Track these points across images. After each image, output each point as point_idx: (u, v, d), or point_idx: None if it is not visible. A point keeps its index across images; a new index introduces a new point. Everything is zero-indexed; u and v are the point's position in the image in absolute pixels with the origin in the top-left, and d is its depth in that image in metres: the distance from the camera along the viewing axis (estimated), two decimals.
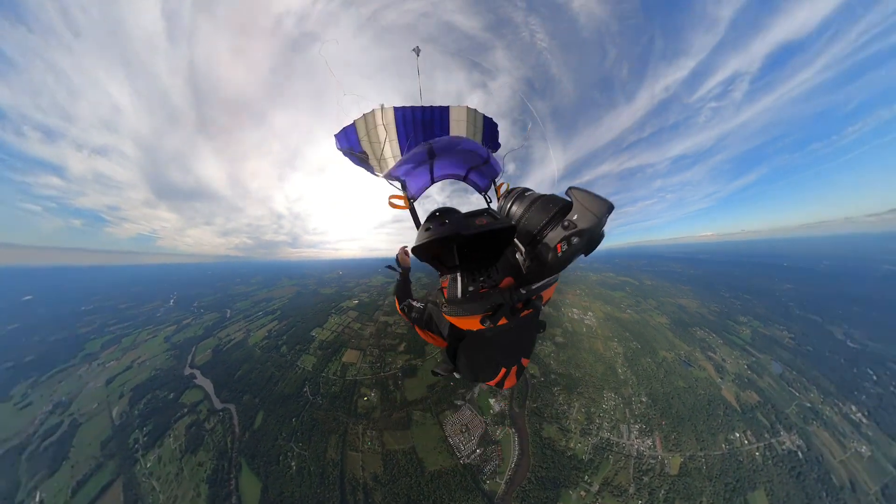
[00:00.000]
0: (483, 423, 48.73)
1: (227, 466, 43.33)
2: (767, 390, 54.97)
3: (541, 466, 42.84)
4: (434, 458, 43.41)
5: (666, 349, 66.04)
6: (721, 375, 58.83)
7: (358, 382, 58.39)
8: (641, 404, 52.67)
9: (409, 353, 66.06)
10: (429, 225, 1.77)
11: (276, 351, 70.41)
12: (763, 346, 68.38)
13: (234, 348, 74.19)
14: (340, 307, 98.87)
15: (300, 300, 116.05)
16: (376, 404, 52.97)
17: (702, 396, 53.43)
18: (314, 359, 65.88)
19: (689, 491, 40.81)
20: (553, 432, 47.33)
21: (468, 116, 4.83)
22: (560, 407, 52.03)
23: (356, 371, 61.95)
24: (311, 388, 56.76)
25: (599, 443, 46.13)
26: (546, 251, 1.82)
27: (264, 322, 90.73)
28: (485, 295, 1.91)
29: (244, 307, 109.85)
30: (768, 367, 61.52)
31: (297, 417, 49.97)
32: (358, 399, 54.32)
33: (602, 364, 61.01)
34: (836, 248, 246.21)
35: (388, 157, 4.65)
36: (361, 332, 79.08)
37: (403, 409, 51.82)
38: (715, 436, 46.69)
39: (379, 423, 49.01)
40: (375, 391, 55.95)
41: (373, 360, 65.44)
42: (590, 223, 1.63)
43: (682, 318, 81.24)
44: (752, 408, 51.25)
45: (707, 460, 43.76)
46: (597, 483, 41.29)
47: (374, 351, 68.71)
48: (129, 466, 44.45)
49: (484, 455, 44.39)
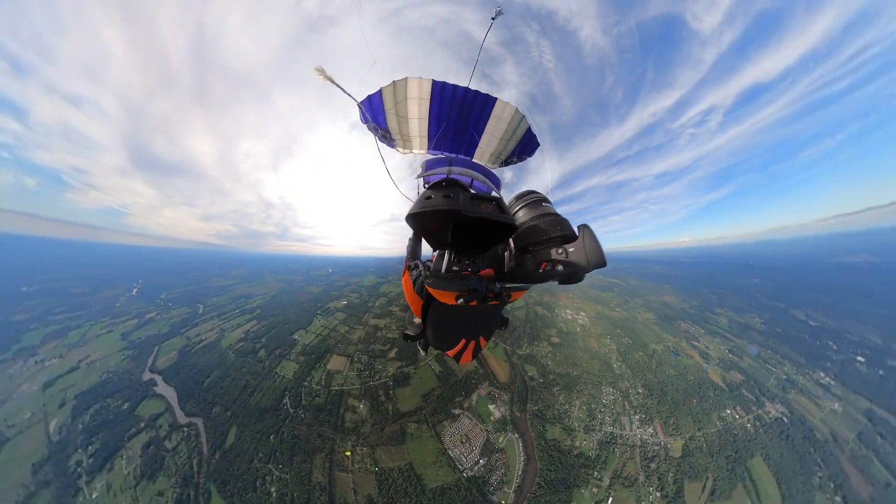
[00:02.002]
0: (484, 430, 46.54)
1: (192, 496, 37.18)
2: (748, 369, 58.46)
3: (549, 469, 41.44)
4: (434, 474, 40.11)
5: (655, 342, 68.71)
6: (706, 361, 62.08)
7: (345, 393, 53.17)
8: (639, 395, 54.16)
9: (400, 360, 61.70)
10: (430, 194, 1.79)
11: (252, 355, 63.28)
12: (739, 332, 73.50)
13: (205, 351, 65.51)
14: (327, 308, 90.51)
15: (284, 298, 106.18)
16: (366, 417, 48.33)
17: (692, 381, 55.98)
18: (296, 365, 59.54)
19: (695, 470, 41.61)
20: (557, 432, 46.53)
21: (512, 119, 4.42)
22: (561, 406, 51.44)
23: (343, 380, 56.55)
24: (291, 400, 51.17)
25: (604, 437, 45.85)
26: (531, 262, 1.93)
27: (241, 321, 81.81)
28: (465, 278, 2.08)
29: (220, 303, 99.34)
30: (746, 349, 65.86)
31: (276, 434, 44.75)
32: (345, 412, 49.28)
33: (598, 360, 62.68)
34: (793, 248, 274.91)
35: (415, 135, 4.37)
36: (349, 336, 72.37)
37: (396, 421, 47.59)
38: (709, 415, 48.56)
39: (370, 439, 44.60)
40: (365, 402, 51.12)
41: (361, 368, 60.01)
42: (580, 262, 1.73)
43: (666, 313, 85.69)
44: (738, 386, 54.04)
45: (706, 438, 45.18)
46: (607, 477, 40.65)
47: (363, 357, 63.44)
48: (68, 498, 36.61)
49: (488, 465, 42.03)
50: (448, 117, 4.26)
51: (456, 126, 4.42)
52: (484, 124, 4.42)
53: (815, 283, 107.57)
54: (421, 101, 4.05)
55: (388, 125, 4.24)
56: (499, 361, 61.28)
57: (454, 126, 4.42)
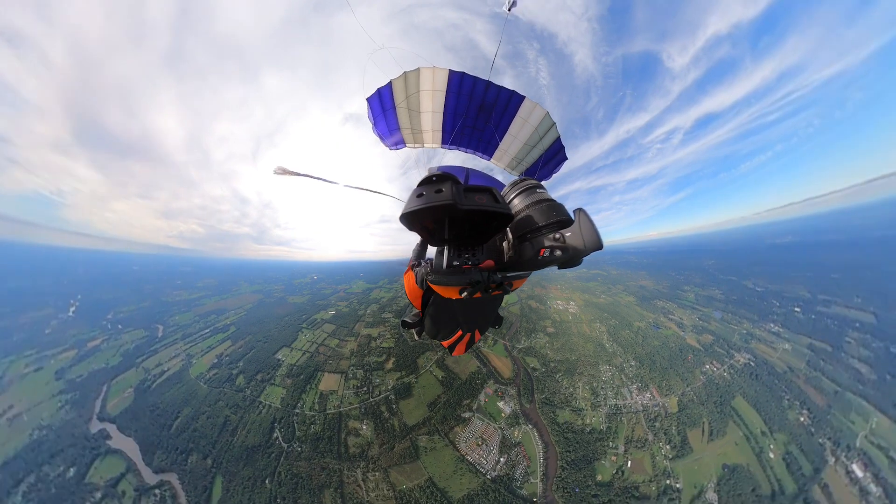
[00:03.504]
0: (498, 428, 46.50)
1: None
2: (716, 330, 67.16)
3: (568, 451, 42.97)
4: (458, 484, 37.84)
5: (638, 320, 75.96)
6: (682, 329, 69.87)
7: (343, 415, 47.57)
8: (632, 367, 59.56)
9: (399, 370, 56.14)
10: (421, 190, 1.67)
11: (229, 384, 53.54)
12: (704, 303, 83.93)
13: (169, 384, 53.72)
14: (313, 320, 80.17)
15: (262, 312, 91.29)
16: (372, 439, 43.58)
17: (674, 347, 62.84)
18: (283, 391, 51.70)
19: (692, 419, 46.42)
20: (568, 415, 48.75)
21: (541, 124, 3.87)
22: (566, 390, 54.09)
23: (339, 401, 50.36)
24: (283, 433, 44.21)
25: (610, 410, 49.45)
26: (530, 250, 1.93)
27: (212, 343, 68.98)
28: (466, 271, 2.07)
29: (184, 322, 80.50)
30: (712, 315, 75.46)
31: (272, 477, 38.17)
32: (347, 436, 43.86)
33: (591, 343, 67.91)
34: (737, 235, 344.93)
35: (427, 129, 3.99)
36: (340, 350, 64.70)
37: (406, 437, 43.67)
38: (692, 372, 54.92)
39: (381, 461, 40.44)
40: (367, 422, 46.12)
41: (357, 384, 54.01)
42: (577, 246, 1.74)
43: (644, 294, 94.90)
44: (711, 345, 61.87)
45: (695, 392, 50.86)
46: (621, 445, 43.77)
47: (358, 372, 56.94)
48: None
49: (510, 461, 41.67)
50: (466, 112, 3.87)
51: (475, 122, 4.05)
52: (507, 124, 3.98)
53: (756, 259, 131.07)
54: (435, 93, 3.68)
55: (398, 121, 3.89)
56: (500, 358, 62.83)
57: (472, 122, 4.04)
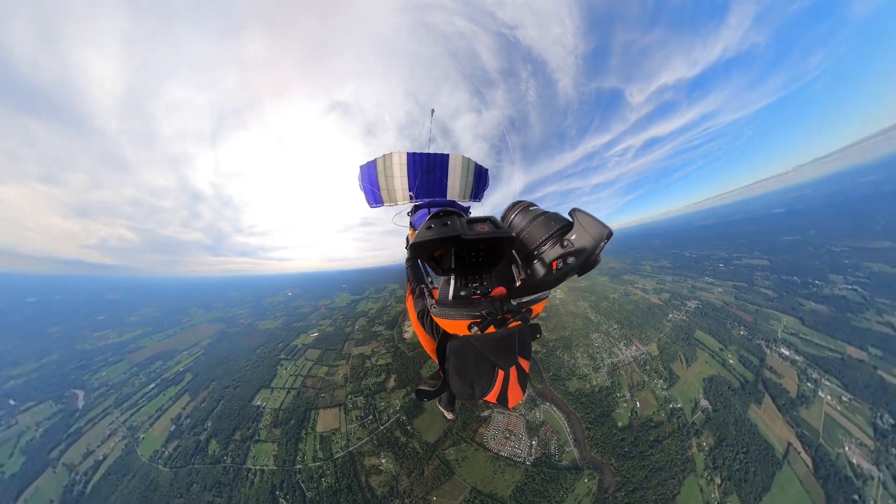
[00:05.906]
0: (520, 416, 48.73)
1: None
2: (670, 289, 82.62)
3: (587, 413, 48.47)
4: (502, 482, 37.59)
5: (612, 293, 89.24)
6: (646, 293, 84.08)
7: (355, 454, 41.24)
8: (615, 330, 70.27)
9: (403, 387, 51.91)
10: (430, 224, 1.79)
11: (200, 456, 41.14)
12: (658, 271, 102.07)
13: (112, 479, 39.61)
14: (293, 347, 67.18)
15: (226, 347, 71.58)
16: (396, 471, 39.15)
17: (643, 307, 75.64)
18: (273, 447, 42.37)
19: (671, 355, 56.75)
20: (576, 384, 55.36)
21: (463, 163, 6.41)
22: (569, 363, 61.42)
23: (345, 439, 43.47)
24: (291, 500, 36.88)
25: (609, 368, 58.01)
26: (542, 267, 1.79)
27: (162, 403, 52.38)
28: (475, 302, 1.91)
29: (115, 378, 60.20)
30: (666, 279, 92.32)
31: None
32: (368, 477, 38.53)
33: (579, 318, 78.19)
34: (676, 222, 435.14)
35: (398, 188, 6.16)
36: (331, 378, 55.84)
37: (432, 456, 40.58)
38: (661, 321, 67.42)
39: (416, 491, 36.75)
40: (385, 454, 41.08)
41: (361, 415, 47.64)
42: (586, 244, 1.63)
43: (614, 272, 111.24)
44: (668, 300, 76.04)
45: (666, 336, 62.42)
46: (626, 392, 51.91)
47: (358, 400, 50.30)
48: None
49: (541, 441, 43.40)
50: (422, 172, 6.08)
51: (429, 177, 6.28)
52: (447, 171, 6.37)
53: (690, 236, 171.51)
54: (401, 166, 5.89)
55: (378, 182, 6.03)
56: None
57: (427, 177, 6.24)
